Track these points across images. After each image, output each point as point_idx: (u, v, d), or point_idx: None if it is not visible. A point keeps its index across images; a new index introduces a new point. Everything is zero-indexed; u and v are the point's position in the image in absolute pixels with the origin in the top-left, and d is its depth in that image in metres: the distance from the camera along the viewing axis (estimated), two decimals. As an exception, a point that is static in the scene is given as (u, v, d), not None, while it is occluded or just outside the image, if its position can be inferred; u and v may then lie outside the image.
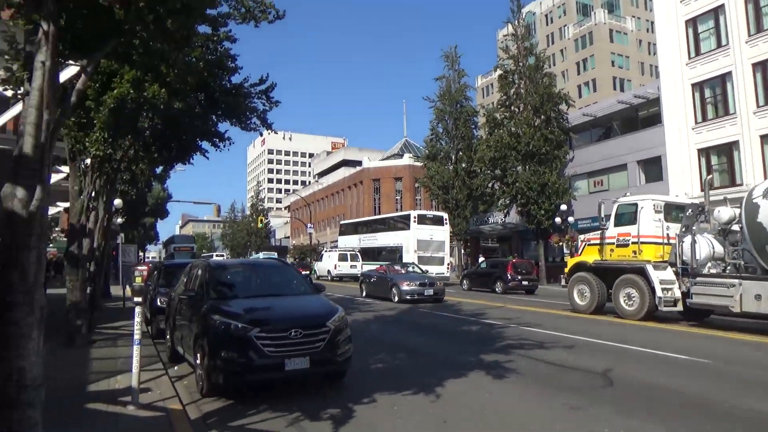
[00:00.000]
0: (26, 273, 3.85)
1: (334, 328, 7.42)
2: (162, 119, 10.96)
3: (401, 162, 69.14)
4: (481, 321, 15.21)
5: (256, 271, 9.53)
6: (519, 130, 35.69)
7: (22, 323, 3.88)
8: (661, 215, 15.93)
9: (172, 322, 9.67)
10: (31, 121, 3.84)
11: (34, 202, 3.89)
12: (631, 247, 16.11)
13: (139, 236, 50.56)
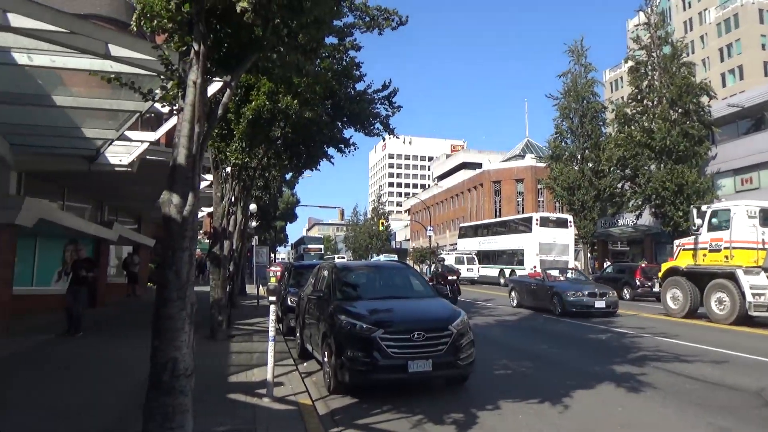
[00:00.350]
0: (180, 272, 4.24)
1: (456, 331, 7.38)
2: (293, 128, 11.60)
3: (523, 163, 67.33)
4: (611, 329, 14.39)
5: (379, 273, 9.76)
6: (653, 125, 33.19)
7: (176, 317, 4.28)
8: (755, 220, 15.93)
9: (302, 321, 10.16)
10: (185, 133, 4.24)
11: (187, 208, 4.28)
12: (723, 252, 16.31)
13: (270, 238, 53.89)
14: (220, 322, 11.80)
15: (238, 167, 12.22)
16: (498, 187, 68.25)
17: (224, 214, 12.36)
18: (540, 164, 50.10)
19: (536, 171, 59.66)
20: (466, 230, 48.36)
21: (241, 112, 10.44)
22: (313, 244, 68.16)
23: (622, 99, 41.63)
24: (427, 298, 8.74)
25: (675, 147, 32.23)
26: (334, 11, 4.58)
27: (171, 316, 4.29)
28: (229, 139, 11.42)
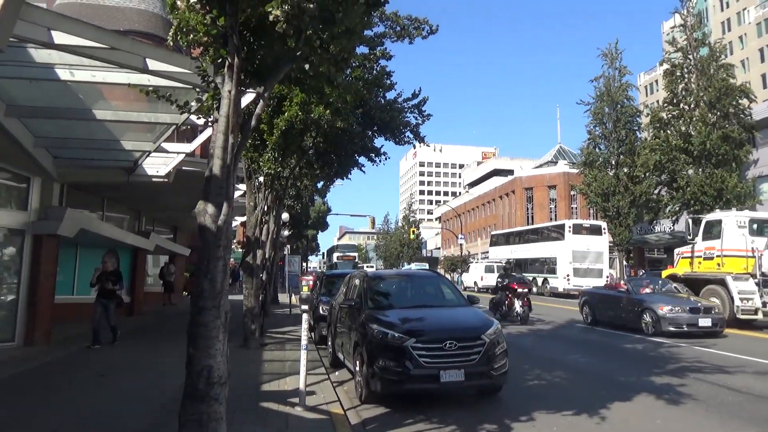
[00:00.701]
0: (215, 281, 4.31)
1: (489, 341, 7.29)
2: (324, 137, 11.72)
3: (555, 169, 66.46)
4: (648, 339, 14.03)
5: (410, 282, 9.74)
6: (690, 129, 32.37)
7: (211, 326, 4.34)
8: (745, 230, 17.24)
9: (333, 330, 10.19)
10: (219, 144, 4.32)
11: (221, 217, 4.35)
12: (715, 259, 17.74)
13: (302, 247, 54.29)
14: (253, 330, 11.93)
15: (270, 177, 12.39)
16: (530, 194, 67.50)
17: (257, 224, 12.53)
18: (573, 170, 49.39)
19: (569, 177, 58.80)
20: (498, 238, 47.95)
21: (274, 122, 10.60)
22: (347, 252, 65.17)
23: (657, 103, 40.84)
24: (459, 307, 8.67)
25: (714, 151, 31.38)
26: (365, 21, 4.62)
27: (206, 324, 4.35)
28: (262, 150, 11.59)
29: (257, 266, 12.42)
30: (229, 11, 4.20)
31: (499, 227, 65.92)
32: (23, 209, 11.80)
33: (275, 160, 11.40)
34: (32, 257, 11.71)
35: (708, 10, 73.91)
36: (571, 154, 69.74)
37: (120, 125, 10.67)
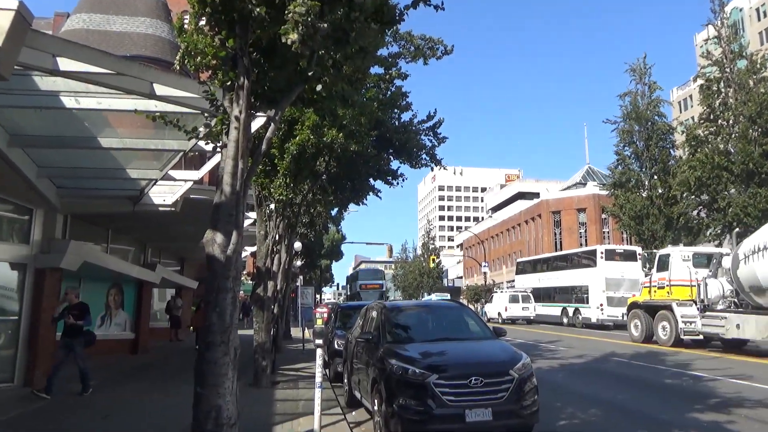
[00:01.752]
0: (224, 314, 4.34)
1: (518, 376, 7.19)
2: (338, 162, 11.86)
3: (584, 191, 66.12)
4: (687, 372, 13.85)
5: (431, 314, 9.70)
6: (730, 146, 32.07)
7: (220, 362, 4.35)
8: (689, 263, 21.70)
9: (350, 366, 10.14)
10: (228, 170, 4.39)
11: (231, 246, 4.39)
12: (666, 288, 22.32)
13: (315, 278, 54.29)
14: (264, 367, 11.91)
15: (282, 204, 12.50)
16: (558, 218, 67.07)
17: (268, 253, 12.61)
18: (603, 192, 49.05)
19: (599, 199, 58.40)
20: (524, 265, 47.57)
21: (285, 147, 10.75)
22: (372, 280, 55.78)
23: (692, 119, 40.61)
24: (484, 339, 8.60)
25: (758, 169, 30.97)
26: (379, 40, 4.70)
27: (215, 361, 4.36)
28: (273, 175, 11.73)
29: (268, 298, 12.46)
30: (239, 32, 4.32)
31: (524, 254, 65.40)
32: (25, 242, 11.99)
33: (287, 186, 11.53)
34: (33, 292, 11.84)
35: (743, 20, 73.82)
36: (600, 174, 69.38)
37: (126, 153, 10.87)
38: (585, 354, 18.51)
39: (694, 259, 21.91)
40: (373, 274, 59.05)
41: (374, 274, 59.00)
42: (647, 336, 22.50)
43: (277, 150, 11.03)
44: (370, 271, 63.18)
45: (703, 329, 19.50)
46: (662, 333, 21.53)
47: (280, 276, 13.74)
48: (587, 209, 64.09)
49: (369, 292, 51.52)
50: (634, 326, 23.61)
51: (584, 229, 64.61)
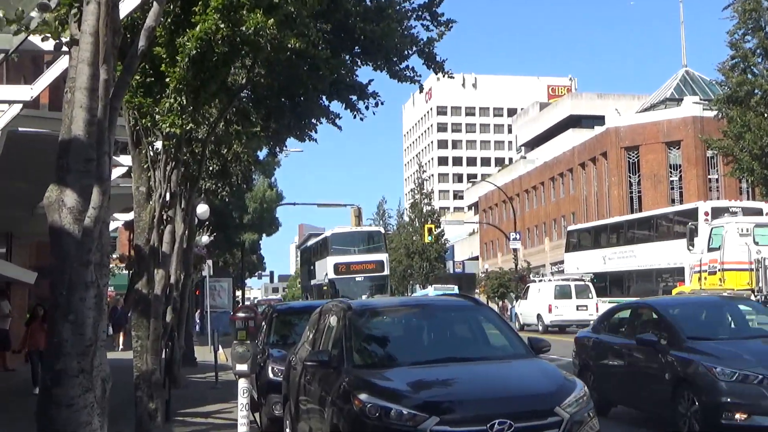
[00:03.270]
0: (83, 326, 4.33)
1: (569, 416, 7.36)
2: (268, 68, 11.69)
3: (679, 112, 66.31)
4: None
5: (428, 319, 9.80)
6: None
7: (78, 404, 4.36)
8: (748, 238, 24.91)
9: (294, 407, 10.22)
10: (83, 84, 4.31)
11: (90, 212, 4.35)
12: (717, 274, 25.24)
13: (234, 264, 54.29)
14: (153, 411, 11.96)
15: (175, 141, 12.38)
16: (635, 159, 67.53)
17: (153, 224, 12.54)
18: (710, 112, 49.32)
19: (704, 125, 58.81)
20: (580, 237, 48.07)
21: (179, 43, 10.59)
22: (361, 254, 47.60)
23: None
24: (515, 359, 8.78)
25: None
26: None
27: (69, 401, 4.37)
28: (159, 93, 11.58)
29: (156, 299, 12.45)
30: None
31: (580, 218, 66.09)
32: None
33: (182, 110, 11.40)
34: None
35: None
36: (705, 84, 69.71)
37: None
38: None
39: (756, 233, 25.23)
40: (362, 240, 49.71)
41: (364, 241, 49.71)
42: None
43: (164, 48, 10.86)
44: (355, 235, 52.03)
45: None
46: None
47: (175, 261, 13.69)
48: (683, 143, 64.44)
49: (356, 282, 44.72)
50: None
51: (679, 174, 65.08)
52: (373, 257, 47.08)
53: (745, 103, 39.47)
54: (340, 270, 45.82)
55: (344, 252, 47.95)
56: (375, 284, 44.96)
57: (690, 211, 37.67)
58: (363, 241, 50.38)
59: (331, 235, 51.22)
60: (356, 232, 54.04)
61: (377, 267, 45.87)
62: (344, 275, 45.58)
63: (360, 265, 45.94)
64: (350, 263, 46.34)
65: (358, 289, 42.86)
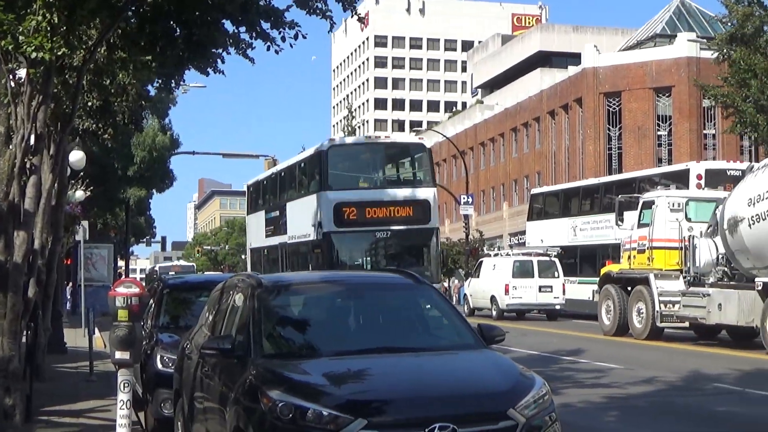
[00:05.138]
0: None
1: (525, 420, 7.45)
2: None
3: (670, 52, 66.98)
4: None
5: (356, 300, 9.82)
6: None
7: None
8: (679, 214, 27.83)
9: (187, 405, 10.24)
10: None
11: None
12: (646, 253, 28.63)
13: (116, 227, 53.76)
14: (10, 408, 11.89)
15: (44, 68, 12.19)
16: (616, 107, 68.15)
17: (13, 174, 12.36)
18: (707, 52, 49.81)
19: (699, 67, 59.47)
20: (546, 202, 48.55)
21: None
22: (379, 187, 32.61)
23: None
24: (462, 350, 8.86)
25: None
26: None
27: None
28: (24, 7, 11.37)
29: (16, 268, 12.30)
30: None
31: (547, 179, 66.74)
32: None
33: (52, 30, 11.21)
34: None
35: None
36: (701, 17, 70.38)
37: None
38: (660, 376, 19.42)
39: (688, 209, 28.24)
40: (389, 161, 35.30)
41: (392, 162, 35.60)
42: (620, 324, 29.74)
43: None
44: (375, 150, 35.10)
45: (683, 312, 26.35)
46: (637, 320, 28.58)
47: (41, 222, 13.54)
48: (675, 89, 65.16)
49: (374, 240, 31.28)
50: (605, 310, 31.02)
51: (668, 129, 65.84)
52: (408, 194, 31.77)
53: (751, 44, 39.99)
54: (346, 217, 30.52)
55: (352, 183, 32.85)
56: (411, 245, 31.94)
57: (680, 173, 38.12)
58: (390, 162, 35.36)
59: (330, 149, 32.86)
60: (377, 144, 35.95)
61: (417, 213, 30.73)
62: (352, 227, 30.94)
63: (384, 209, 30.88)
64: (366, 203, 30.92)
65: (378, 253, 31.43)
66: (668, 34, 71.71)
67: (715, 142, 63.13)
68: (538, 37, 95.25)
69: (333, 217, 30.48)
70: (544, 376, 8.37)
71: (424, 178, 33.41)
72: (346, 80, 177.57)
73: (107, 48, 13.47)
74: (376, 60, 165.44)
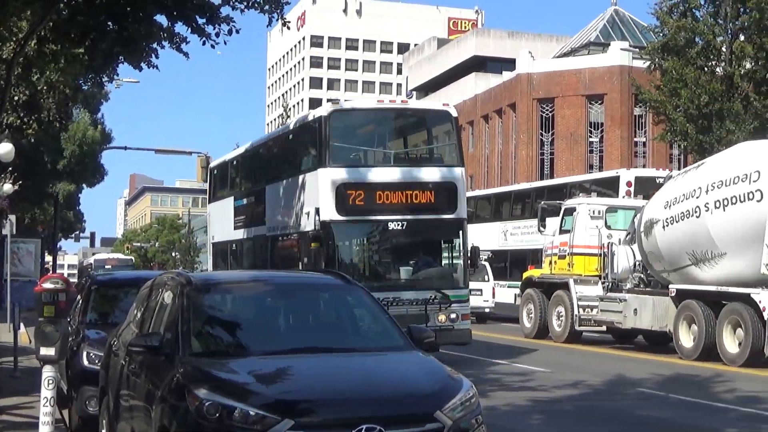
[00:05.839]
0: None
1: (452, 422, 7.49)
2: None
3: (605, 60, 67.35)
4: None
5: (286, 299, 9.84)
6: None
7: None
8: (599, 221, 29.25)
9: (112, 402, 10.15)
10: None
11: None
12: (567, 258, 30.00)
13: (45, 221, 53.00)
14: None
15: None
16: (549, 113, 68.51)
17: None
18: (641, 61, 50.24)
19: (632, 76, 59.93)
20: (477, 206, 48.60)
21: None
22: (393, 165, 25.84)
23: None
24: (392, 351, 8.87)
25: None
26: None
27: None
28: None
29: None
30: None
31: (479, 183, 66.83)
32: None
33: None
34: None
35: None
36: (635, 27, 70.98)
37: None
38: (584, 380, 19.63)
39: (608, 216, 29.67)
40: (407, 131, 28.27)
41: (411, 133, 28.35)
42: (541, 327, 31.07)
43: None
44: (389, 116, 28.25)
45: (601, 316, 27.71)
46: (557, 323, 29.86)
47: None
48: (608, 97, 65.55)
49: (387, 233, 24.00)
50: (526, 314, 32.47)
51: (599, 135, 66.22)
52: (430, 174, 25.23)
53: (682, 54, 40.44)
54: (351, 202, 23.94)
55: (360, 160, 26.39)
56: (433, 240, 25.81)
57: (610, 180, 38.33)
58: (407, 133, 28.44)
59: (332, 115, 25.24)
60: (391, 110, 28.99)
61: (440, 199, 24.65)
62: (359, 216, 24.61)
63: (399, 193, 24.39)
64: (376, 186, 24.45)
65: (390, 249, 25.24)
66: (602, 42, 72.17)
67: (646, 150, 63.64)
68: (474, 42, 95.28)
69: (335, 202, 23.40)
70: (470, 379, 8.42)
71: (449, 154, 26.57)
72: (282, 79, 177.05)
73: (38, 41, 13.33)
74: (311, 60, 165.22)
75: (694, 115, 39.59)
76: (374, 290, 17.04)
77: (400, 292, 22.31)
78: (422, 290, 22.64)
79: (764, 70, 38.86)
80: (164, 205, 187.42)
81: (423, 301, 22.38)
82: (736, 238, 21.90)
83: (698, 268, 23.44)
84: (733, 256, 22.14)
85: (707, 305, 23.08)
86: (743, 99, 39.21)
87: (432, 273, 23.92)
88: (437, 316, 22.12)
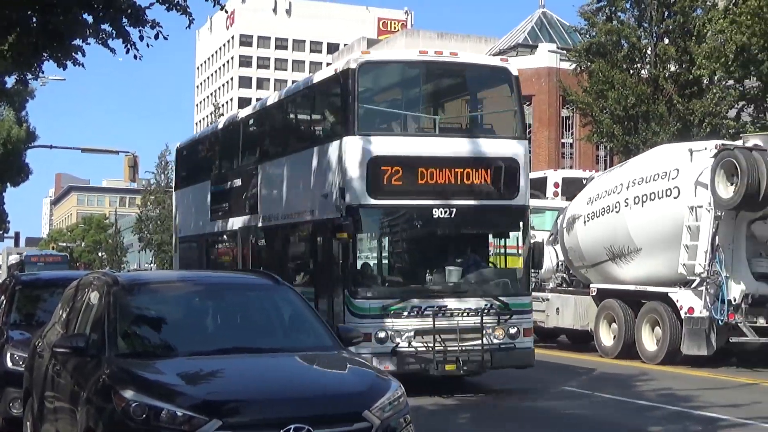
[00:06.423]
0: None
1: (380, 422, 7.55)
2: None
3: (532, 62, 67.80)
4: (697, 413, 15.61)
5: (214, 300, 9.85)
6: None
7: None
8: None
9: (37, 404, 10.11)
10: None
11: None
12: None
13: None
14: None
15: None
16: (479, 113, 68.76)
17: None
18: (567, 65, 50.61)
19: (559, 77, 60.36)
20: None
21: None
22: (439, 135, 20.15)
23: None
24: (320, 351, 8.91)
25: None
26: None
27: None
28: None
29: None
30: None
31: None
32: None
33: None
34: None
35: None
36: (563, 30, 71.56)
37: None
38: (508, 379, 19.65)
39: (534, 217, 26.36)
40: (457, 91, 23.51)
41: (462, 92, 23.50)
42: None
43: None
44: (433, 72, 21.72)
45: None
46: None
47: None
48: (535, 98, 65.86)
49: (430, 220, 19.00)
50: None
51: (528, 137, 66.79)
52: (485, 147, 19.95)
53: (608, 57, 40.84)
54: (386, 180, 18.66)
55: (396, 127, 21.91)
56: (487, 233, 21.43)
57: (538, 181, 38.46)
58: (456, 94, 23.69)
59: (362, 68, 19.08)
60: (436, 64, 21.37)
61: (497, 180, 19.66)
62: (396, 199, 19.19)
63: (446, 171, 19.25)
64: (418, 160, 18.97)
65: (435, 243, 20.18)
66: (530, 44, 72.50)
67: (573, 151, 64.20)
68: (404, 42, 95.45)
69: (367, 181, 18.46)
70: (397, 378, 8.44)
71: (509, 124, 21.06)
72: (211, 78, 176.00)
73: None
74: (240, 59, 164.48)
75: (621, 117, 40.01)
76: (414, 296, 17.25)
77: (446, 300, 17.54)
78: (475, 297, 17.71)
79: (687, 73, 39.34)
80: (91, 204, 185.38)
81: (477, 311, 17.31)
82: (653, 234, 22.56)
83: (615, 264, 24.15)
84: (649, 253, 22.84)
85: (627, 304, 23.90)
86: (667, 101, 39.70)
87: (487, 275, 19.44)
88: (494, 330, 17.49)
